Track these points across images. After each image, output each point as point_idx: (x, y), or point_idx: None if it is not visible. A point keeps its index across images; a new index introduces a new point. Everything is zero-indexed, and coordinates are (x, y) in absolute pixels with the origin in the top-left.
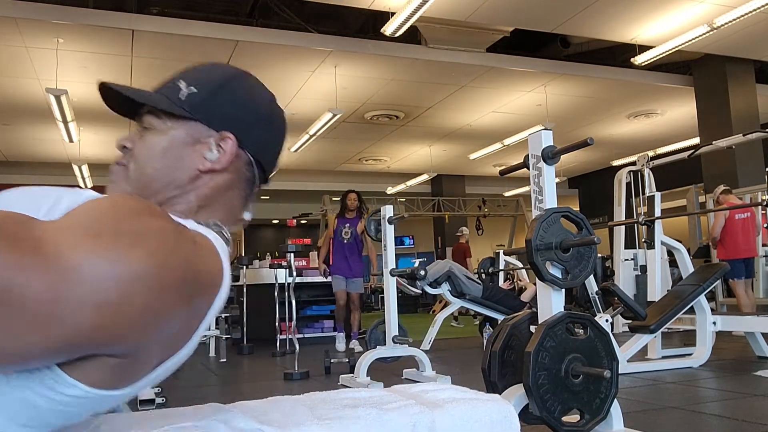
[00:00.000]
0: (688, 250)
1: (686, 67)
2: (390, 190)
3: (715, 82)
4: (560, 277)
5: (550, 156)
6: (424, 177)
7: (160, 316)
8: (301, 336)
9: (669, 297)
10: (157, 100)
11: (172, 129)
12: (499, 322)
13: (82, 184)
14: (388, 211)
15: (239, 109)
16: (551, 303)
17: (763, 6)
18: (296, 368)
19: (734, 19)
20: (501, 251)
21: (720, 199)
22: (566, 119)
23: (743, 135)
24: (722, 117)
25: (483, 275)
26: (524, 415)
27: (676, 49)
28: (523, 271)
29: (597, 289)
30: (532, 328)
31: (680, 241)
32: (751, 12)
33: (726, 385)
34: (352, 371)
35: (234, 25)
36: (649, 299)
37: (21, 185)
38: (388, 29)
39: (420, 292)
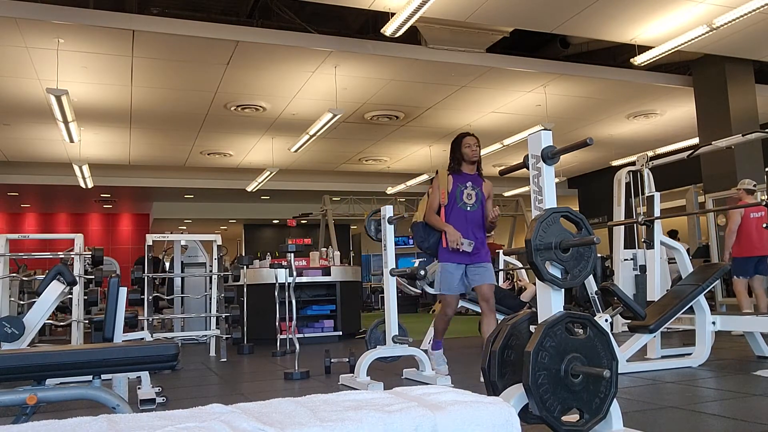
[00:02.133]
0: (688, 251)
1: (686, 67)
2: (390, 190)
3: (715, 82)
4: (560, 276)
5: (549, 156)
6: (424, 177)
7: None
8: (301, 336)
9: (668, 297)
10: None
11: None
12: (499, 322)
13: (82, 184)
14: (388, 211)
15: None
16: (551, 303)
17: (762, 6)
18: (296, 368)
19: (734, 20)
20: (501, 251)
21: (740, 194)
22: (566, 119)
23: (742, 135)
24: (721, 117)
25: None
26: (524, 415)
27: (676, 49)
28: (523, 271)
29: (596, 288)
30: (532, 328)
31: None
32: (750, 12)
33: (725, 385)
34: (352, 371)
35: (234, 25)
36: (648, 299)
37: (21, 185)
38: (388, 29)
39: (420, 292)
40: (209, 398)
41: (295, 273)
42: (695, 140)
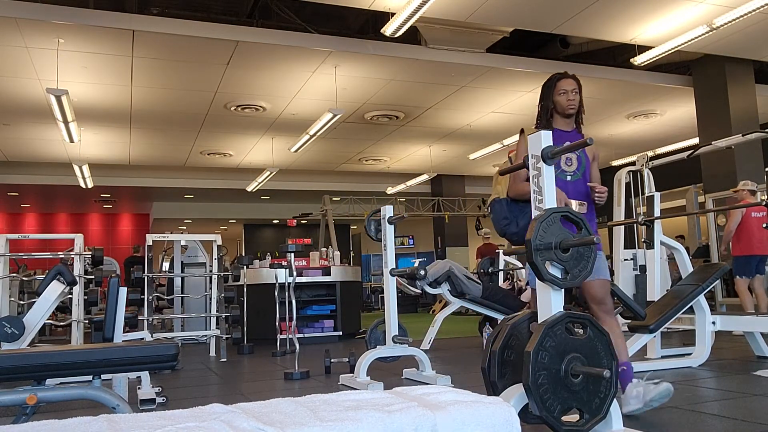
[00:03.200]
0: (687, 250)
1: (686, 67)
2: (390, 190)
3: (715, 82)
4: (560, 276)
5: (549, 156)
6: (424, 177)
7: None
8: (301, 336)
9: (668, 297)
10: None
11: None
12: (499, 321)
13: (82, 184)
14: (388, 211)
15: None
16: (551, 303)
17: (762, 6)
18: (296, 368)
19: (734, 20)
20: (501, 251)
21: (743, 194)
22: None
23: (742, 135)
24: (721, 117)
25: (483, 275)
26: (524, 415)
27: (676, 49)
28: (523, 271)
29: None
30: (532, 328)
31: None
32: (750, 12)
33: (725, 385)
34: (352, 371)
35: (234, 25)
36: (648, 299)
37: (21, 185)
38: (388, 29)
39: (420, 292)
40: (209, 398)
41: (295, 273)
42: (695, 140)
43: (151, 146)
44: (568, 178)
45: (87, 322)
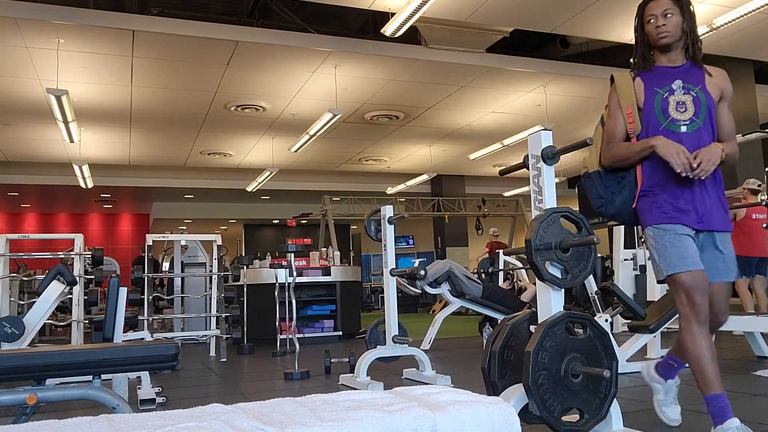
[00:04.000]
0: None
1: None
2: (390, 190)
3: None
4: (560, 276)
5: (549, 156)
6: (424, 177)
7: None
8: (301, 336)
9: (668, 296)
10: None
11: None
12: (499, 321)
13: (82, 184)
14: (388, 211)
15: None
16: (551, 303)
17: (762, 6)
18: (296, 368)
19: (734, 20)
20: (501, 251)
21: (744, 194)
22: (566, 119)
23: (743, 135)
24: None
25: (483, 275)
26: (524, 415)
27: None
28: (523, 271)
29: (596, 288)
30: (532, 328)
31: None
32: (750, 12)
33: (726, 385)
34: (352, 371)
35: (234, 25)
36: (648, 299)
37: (21, 185)
38: (388, 29)
39: (420, 292)
40: (209, 398)
41: (295, 273)
42: None
43: (151, 146)
44: (683, 128)
45: (87, 322)
